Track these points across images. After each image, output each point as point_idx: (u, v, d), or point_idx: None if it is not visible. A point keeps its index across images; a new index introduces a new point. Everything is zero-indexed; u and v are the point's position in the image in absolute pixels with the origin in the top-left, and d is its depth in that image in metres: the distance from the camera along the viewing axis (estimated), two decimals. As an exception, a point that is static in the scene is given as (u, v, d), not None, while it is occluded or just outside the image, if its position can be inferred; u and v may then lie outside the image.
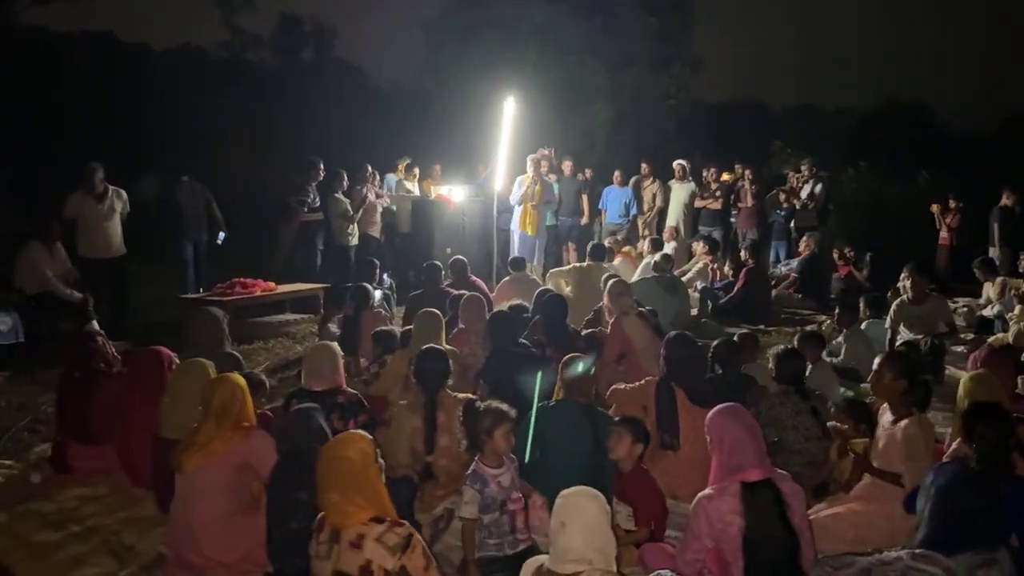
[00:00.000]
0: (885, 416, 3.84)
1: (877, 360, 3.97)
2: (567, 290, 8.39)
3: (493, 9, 14.97)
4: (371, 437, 2.91)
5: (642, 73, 15.65)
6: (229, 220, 9.58)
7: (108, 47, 21.65)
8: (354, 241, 9.56)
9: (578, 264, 9.29)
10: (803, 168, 12.22)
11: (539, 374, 3.94)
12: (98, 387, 4.55)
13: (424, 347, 4.50)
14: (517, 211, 10.65)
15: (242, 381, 3.78)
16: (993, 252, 10.77)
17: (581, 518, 2.54)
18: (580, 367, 4.08)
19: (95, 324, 7.34)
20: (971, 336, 7.79)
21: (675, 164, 12.47)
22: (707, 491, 2.99)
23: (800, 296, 10.27)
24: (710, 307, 9.29)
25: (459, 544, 3.52)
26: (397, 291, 9.14)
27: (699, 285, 9.74)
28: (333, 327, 7.83)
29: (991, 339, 7.00)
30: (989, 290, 8.98)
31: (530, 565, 2.69)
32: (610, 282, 6.34)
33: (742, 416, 3.06)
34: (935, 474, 2.90)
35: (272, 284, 8.57)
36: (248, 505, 3.70)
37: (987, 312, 8.49)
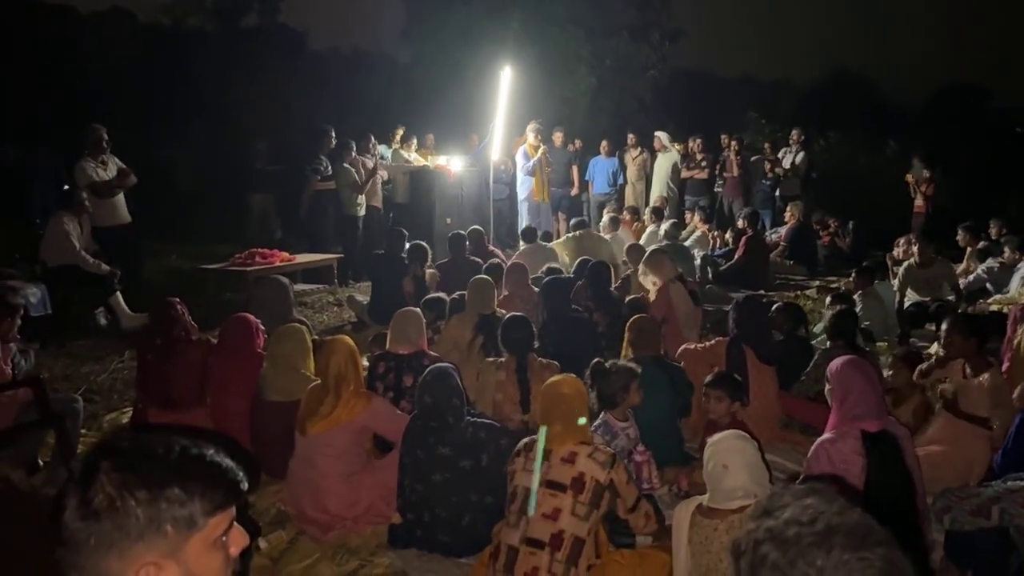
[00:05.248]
0: (955, 367, 4.18)
1: (944, 326, 4.28)
2: (566, 260, 8.64)
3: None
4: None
5: (622, 43, 15.79)
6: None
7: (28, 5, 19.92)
8: (362, 211, 9.59)
9: (568, 235, 9.51)
10: (791, 138, 12.58)
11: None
12: (180, 354, 4.58)
13: (509, 316, 4.68)
14: (528, 181, 10.82)
15: (352, 345, 3.91)
16: None
17: (742, 458, 2.77)
18: None
19: (119, 296, 7.31)
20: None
21: (656, 135, 12.72)
22: (827, 435, 3.24)
23: (791, 262, 10.69)
24: (711, 274, 9.64)
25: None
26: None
27: (698, 253, 10.06)
28: (359, 296, 7.92)
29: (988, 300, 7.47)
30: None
31: (686, 507, 2.91)
32: (650, 250, 6.57)
33: (867, 369, 3.30)
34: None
35: (288, 254, 8.58)
36: (364, 462, 3.87)
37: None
